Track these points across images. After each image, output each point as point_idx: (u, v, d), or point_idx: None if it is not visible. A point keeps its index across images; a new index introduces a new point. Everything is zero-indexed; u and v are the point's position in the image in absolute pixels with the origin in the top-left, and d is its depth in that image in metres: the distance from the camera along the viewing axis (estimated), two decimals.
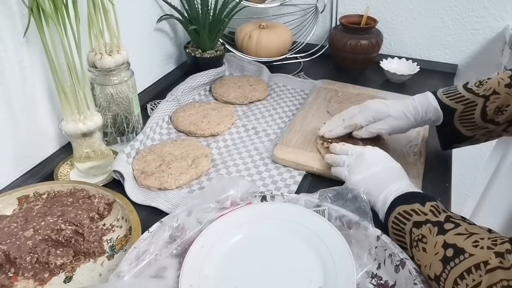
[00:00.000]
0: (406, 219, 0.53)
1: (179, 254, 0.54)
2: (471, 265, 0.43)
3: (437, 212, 0.52)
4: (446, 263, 0.46)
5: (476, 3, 1.05)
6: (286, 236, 0.56)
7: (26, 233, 0.56)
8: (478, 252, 0.44)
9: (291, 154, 0.77)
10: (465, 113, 0.69)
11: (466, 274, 0.43)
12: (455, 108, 0.69)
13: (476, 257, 0.43)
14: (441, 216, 0.51)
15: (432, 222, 0.50)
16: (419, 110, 0.71)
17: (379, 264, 0.54)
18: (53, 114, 0.78)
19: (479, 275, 0.42)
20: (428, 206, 0.53)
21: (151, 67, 1.05)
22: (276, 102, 0.98)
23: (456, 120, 0.70)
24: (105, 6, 0.69)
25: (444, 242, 0.47)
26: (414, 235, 0.51)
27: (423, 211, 0.52)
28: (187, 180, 0.72)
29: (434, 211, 0.52)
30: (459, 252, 0.45)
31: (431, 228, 0.50)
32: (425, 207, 0.53)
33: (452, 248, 0.46)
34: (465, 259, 0.44)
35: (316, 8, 1.20)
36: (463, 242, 0.46)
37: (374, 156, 0.65)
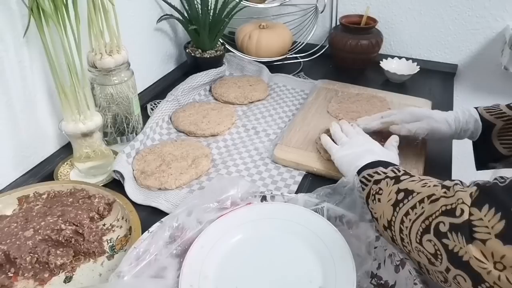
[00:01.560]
0: (368, 181, 0.56)
1: (179, 254, 0.54)
2: (417, 201, 0.45)
3: (397, 171, 0.54)
4: (396, 205, 0.48)
5: (476, 3, 1.05)
6: (286, 236, 0.56)
7: (26, 233, 0.56)
8: (425, 190, 0.45)
9: (291, 154, 0.77)
10: (504, 129, 0.68)
11: (411, 210, 0.45)
12: (494, 123, 0.68)
13: (422, 193, 0.45)
14: (400, 172, 0.53)
15: (390, 177, 0.53)
16: (460, 119, 0.71)
17: (379, 264, 0.54)
18: (53, 114, 0.78)
19: (421, 207, 0.44)
20: (390, 168, 0.56)
21: (151, 67, 1.05)
22: (276, 102, 0.98)
23: (494, 136, 0.69)
24: (105, 6, 0.69)
25: (397, 188, 0.50)
26: (372, 190, 0.54)
27: (384, 172, 0.55)
28: (187, 180, 0.72)
29: (395, 170, 0.54)
30: (408, 194, 0.47)
31: (389, 181, 0.52)
32: (387, 169, 0.56)
33: (403, 192, 0.48)
34: (412, 197, 0.46)
35: (316, 8, 1.20)
36: (414, 185, 0.48)
37: (365, 141, 0.68)
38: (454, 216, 0.40)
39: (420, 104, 0.92)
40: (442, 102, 0.98)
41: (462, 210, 0.39)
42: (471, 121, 0.70)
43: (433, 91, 1.03)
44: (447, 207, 0.41)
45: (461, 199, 0.40)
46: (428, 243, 0.42)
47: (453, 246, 0.39)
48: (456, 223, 0.39)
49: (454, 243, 0.39)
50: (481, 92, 1.16)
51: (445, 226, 0.40)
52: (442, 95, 1.01)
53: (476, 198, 0.39)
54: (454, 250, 0.39)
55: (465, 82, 1.16)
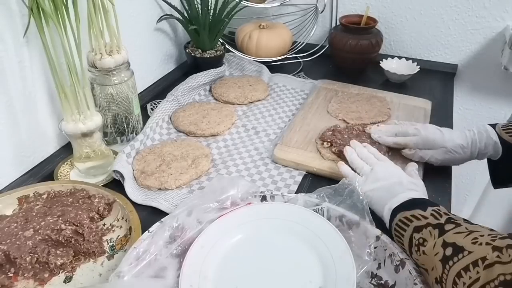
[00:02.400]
0: (406, 225, 0.52)
1: (179, 254, 0.54)
2: (470, 262, 0.42)
3: (438, 215, 0.51)
4: (445, 262, 0.45)
5: (476, 3, 1.05)
6: (286, 236, 0.56)
7: (26, 233, 0.56)
8: (477, 249, 0.42)
9: (291, 154, 0.77)
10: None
11: (464, 272, 0.42)
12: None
13: (474, 254, 0.42)
14: (442, 218, 0.50)
15: (433, 225, 0.49)
16: (477, 144, 0.68)
17: (379, 264, 0.54)
18: (53, 114, 0.78)
19: (476, 271, 0.41)
20: (429, 210, 0.52)
21: (151, 67, 1.05)
22: (276, 102, 0.98)
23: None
24: (105, 6, 0.69)
25: (443, 241, 0.46)
26: (415, 239, 0.50)
27: (423, 215, 0.51)
28: (187, 180, 0.72)
29: (435, 215, 0.51)
30: (458, 250, 0.44)
31: (432, 230, 0.49)
32: (426, 211, 0.52)
33: (451, 247, 0.45)
34: (463, 257, 0.43)
35: (316, 8, 1.20)
36: (463, 240, 0.45)
37: (389, 170, 0.64)
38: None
39: (420, 104, 0.92)
40: (442, 102, 0.98)
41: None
42: (490, 143, 0.67)
43: (433, 91, 1.03)
44: (506, 277, 0.38)
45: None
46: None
47: None
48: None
49: None
50: (481, 92, 1.16)
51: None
52: (442, 95, 1.01)
53: None
54: None
55: (465, 82, 1.16)
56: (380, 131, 0.76)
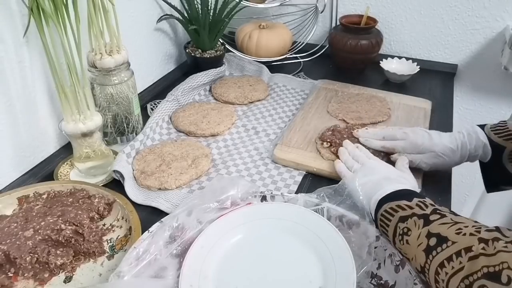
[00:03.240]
0: (391, 215, 0.52)
1: (179, 254, 0.54)
2: (453, 252, 0.42)
3: (424, 206, 0.50)
4: (428, 252, 0.45)
5: (476, 3, 1.05)
6: (286, 236, 0.56)
7: (26, 233, 0.56)
8: (461, 239, 0.42)
9: (291, 154, 0.77)
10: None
11: (447, 262, 0.42)
12: (504, 146, 0.64)
13: (458, 244, 0.42)
14: (428, 209, 0.50)
15: (418, 215, 0.49)
16: (467, 147, 0.67)
17: (379, 264, 0.54)
18: (53, 114, 0.78)
19: (459, 261, 0.41)
20: (415, 201, 0.52)
21: (151, 67, 1.05)
22: (276, 102, 0.98)
23: (505, 159, 0.65)
24: (105, 6, 0.69)
25: (428, 232, 0.46)
26: (399, 229, 0.50)
27: (409, 206, 0.51)
28: (187, 180, 0.72)
29: (421, 205, 0.51)
30: (442, 241, 0.44)
31: (416, 220, 0.49)
32: (411, 202, 0.52)
33: (435, 237, 0.45)
34: (447, 247, 0.43)
35: (316, 8, 1.20)
36: (447, 230, 0.45)
37: (379, 167, 0.64)
38: (500, 282, 0.37)
39: (420, 104, 0.92)
40: (442, 102, 0.98)
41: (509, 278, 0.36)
42: (479, 145, 0.67)
43: (433, 91, 1.03)
44: (489, 269, 0.38)
45: (506, 262, 0.37)
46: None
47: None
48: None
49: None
50: (481, 92, 1.16)
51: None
52: (442, 95, 1.01)
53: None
54: None
55: (465, 82, 1.16)
56: (368, 133, 0.75)
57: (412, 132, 0.70)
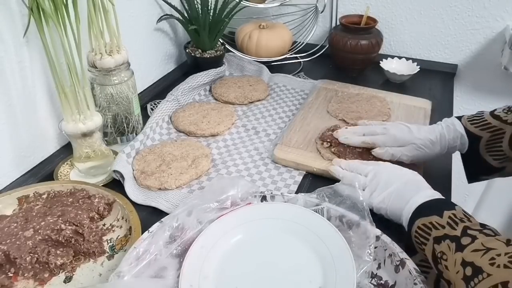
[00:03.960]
0: (427, 234, 0.51)
1: (179, 254, 0.54)
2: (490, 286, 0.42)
3: (454, 224, 0.50)
4: (467, 282, 0.44)
5: (476, 3, 1.05)
6: (286, 236, 0.56)
7: (26, 233, 0.56)
8: (495, 272, 0.42)
9: (291, 154, 0.77)
10: (491, 141, 0.65)
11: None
12: (481, 135, 0.65)
13: (493, 277, 0.42)
14: (459, 228, 0.49)
15: (450, 237, 0.48)
16: (446, 137, 0.68)
17: (379, 264, 0.54)
18: (53, 114, 0.78)
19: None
20: (445, 217, 0.51)
21: (151, 67, 1.05)
22: (276, 102, 0.98)
23: (482, 149, 0.66)
24: (105, 6, 0.69)
25: (462, 260, 0.46)
26: (436, 251, 0.50)
27: (441, 224, 0.50)
28: (187, 180, 0.72)
29: (451, 223, 0.50)
30: (478, 272, 0.44)
31: (450, 244, 0.48)
32: (442, 218, 0.51)
33: (470, 267, 0.45)
34: (483, 279, 0.43)
35: (316, 8, 1.20)
36: (480, 260, 0.44)
37: (389, 173, 0.62)
38: None
39: (420, 104, 0.92)
40: (442, 102, 0.98)
41: None
42: (457, 136, 0.67)
43: (433, 91, 1.03)
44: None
45: None
46: None
47: None
48: None
49: None
50: (481, 92, 1.16)
51: None
52: (442, 95, 1.01)
53: None
54: None
55: (465, 82, 1.16)
56: (348, 132, 0.75)
57: (392, 126, 0.71)
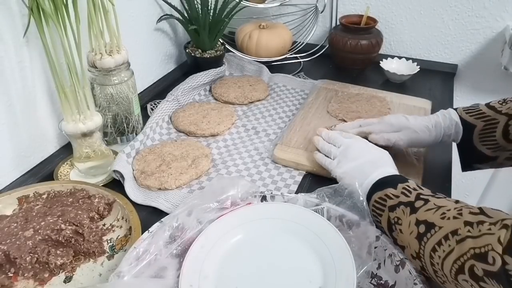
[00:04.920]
0: (382, 205, 0.55)
1: (179, 254, 0.54)
2: (441, 237, 0.45)
3: (408, 192, 0.53)
4: (420, 239, 0.48)
5: (476, 3, 1.05)
6: (286, 236, 0.56)
7: (26, 233, 0.56)
8: (446, 224, 0.46)
9: (291, 154, 0.77)
10: (485, 130, 0.66)
11: (437, 246, 0.45)
12: (475, 124, 0.67)
13: (444, 228, 0.45)
14: (412, 195, 0.52)
15: (404, 203, 0.52)
16: (441, 124, 0.69)
17: (379, 264, 0.54)
18: (53, 114, 0.78)
19: (448, 245, 0.44)
20: (399, 188, 0.54)
21: (151, 67, 1.05)
22: (276, 102, 0.98)
23: (475, 137, 0.67)
24: (105, 6, 0.69)
25: (416, 220, 0.49)
26: (391, 218, 0.53)
27: (395, 195, 0.54)
28: (187, 180, 0.72)
29: (406, 192, 0.53)
30: (430, 227, 0.47)
31: (404, 209, 0.51)
32: (397, 189, 0.54)
33: (423, 224, 0.48)
34: (435, 232, 0.46)
35: (316, 8, 1.20)
36: (432, 216, 0.48)
37: (360, 148, 0.66)
38: (486, 262, 0.39)
39: (420, 104, 0.92)
40: (442, 102, 0.98)
41: (494, 259, 0.39)
42: (452, 124, 0.69)
43: (433, 91, 1.03)
44: (476, 250, 0.41)
45: (490, 245, 0.40)
46: (465, 283, 0.42)
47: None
48: (491, 270, 0.39)
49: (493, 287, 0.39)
50: (481, 92, 1.16)
51: (479, 271, 0.40)
52: (442, 95, 1.01)
53: (507, 245, 0.38)
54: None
55: (465, 82, 1.16)
56: (344, 126, 0.77)
57: (385, 117, 0.74)
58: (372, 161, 0.62)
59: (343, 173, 0.64)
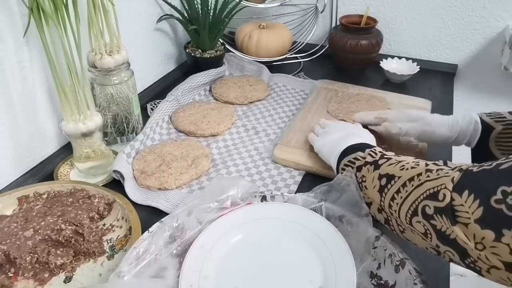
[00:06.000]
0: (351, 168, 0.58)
1: (179, 254, 0.54)
2: (400, 185, 0.47)
3: (374, 153, 0.56)
4: (382, 191, 0.50)
5: (476, 3, 1.05)
6: (286, 236, 0.56)
7: (26, 233, 0.56)
8: (404, 173, 0.48)
9: (291, 154, 0.77)
10: (503, 134, 0.65)
11: (396, 194, 0.48)
12: (494, 127, 0.66)
13: (402, 177, 0.48)
14: (377, 155, 0.55)
15: (370, 162, 0.55)
16: (458, 122, 0.69)
17: (379, 264, 0.54)
18: (53, 114, 0.78)
19: (405, 191, 0.46)
20: (367, 151, 0.57)
21: (151, 67, 1.05)
22: (276, 102, 0.98)
23: (492, 140, 0.67)
24: (105, 6, 0.69)
25: (379, 174, 0.52)
26: (358, 178, 0.56)
27: (362, 156, 0.57)
28: (187, 180, 0.72)
29: (372, 154, 0.56)
30: (390, 178, 0.49)
31: (369, 167, 0.54)
32: (365, 152, 0.57)
33: (385, 177, 0.51)
34: (395, 182, 0.49)
35: (316, 8, 1.20)
36: (393, 169, 0.50)
37: (338, 126, 0.72)
38: (437, 200, 0.42)
39: (420, 104, 0.92)
40: (442, 102, 0.98)
41: (444, 195, 0.41)
42: (471, 122, 0.68)
43: (433, 91, 1.03)
44: (430, 191, 0.43)
45: (444, 184, 0.42)
46: (418, 224, 0.45)
47: (440, 227, 0.42)
48: (440, 206, 0.41)
49: (441, 224, 0.42)
50: (481, 92, 1.16)
51: (431, 209, 0.43)
52: (442, 95, 1.01)
53: (457, 184, 0.41)
54: (442, 230, 0.42)
55: (465, 82, 1.16)
56: (363, 114, 0.80)
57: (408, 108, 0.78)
58: (346, 135, 0.66)
59: (320, 146, 0.70)
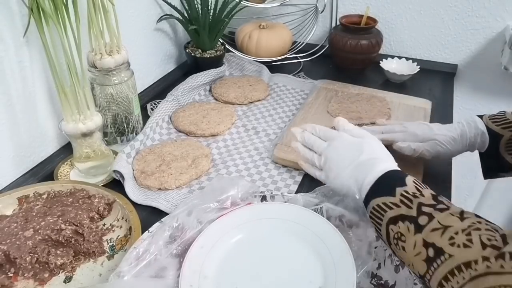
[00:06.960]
0: (381, 214, 0.51)
1: (179, 254, 0.54)
2: (453, 267, 0.42)
3: (408, 201, 0.49)
4: (429, 263, 0.44)
5: (476, 3, 1.05)
6: (286, 236, 0.56)
7: (26, 233, 0.56)
8: (456, 252, 0.42)
9: (291, 154, 0.77)
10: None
11: (450, 276, 0.42)
12: (502, 134, 0.65)
13: (455, 258, 0.42)
14: (413, 205, 0.48)
15: (408, 218, 0.48)
16: (467, 135, 0.68)
17: (379, 264, 0.54)
18: (53, 114, 0.78)
19: (462, 277, 0.40)
20: (398, 195, 0.50)
21: (151, 67, 1.05)
22: (276, 102, 0.98)
23: (502, 147, 0.66)
24: (105, 6, 0.69)
25: (423, 241, 0.45)
26: (392, 232, 0.49)
27: (395, 203, 0.50)
28: (187, 180, 0.72)
29: (406, 202, 0.49)
30: (439, 253, 0.43)
31: (408, 225, 0.47)
32: (396, 197, 0.50)
33: (432, 248, 0.44)
34: (445, 260, 0.43)
35: (316, 8, 1.20)
36: (440, 240, 0.44)
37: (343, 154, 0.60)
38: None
39: (420, 104, 0.92)
40: (442, 102, 0.98)
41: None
42: (478, 133, 0.67)
43: (433, 91, 1.03)
44: None
45: None
46: None
47: None
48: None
49: None
50: (481, 92, 1.16)
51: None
52: (442, 95, 1.01)
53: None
54: None
55: (465, 82, 1.16)
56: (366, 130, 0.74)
57: (410, 125, 0.72)
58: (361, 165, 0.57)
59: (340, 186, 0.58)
